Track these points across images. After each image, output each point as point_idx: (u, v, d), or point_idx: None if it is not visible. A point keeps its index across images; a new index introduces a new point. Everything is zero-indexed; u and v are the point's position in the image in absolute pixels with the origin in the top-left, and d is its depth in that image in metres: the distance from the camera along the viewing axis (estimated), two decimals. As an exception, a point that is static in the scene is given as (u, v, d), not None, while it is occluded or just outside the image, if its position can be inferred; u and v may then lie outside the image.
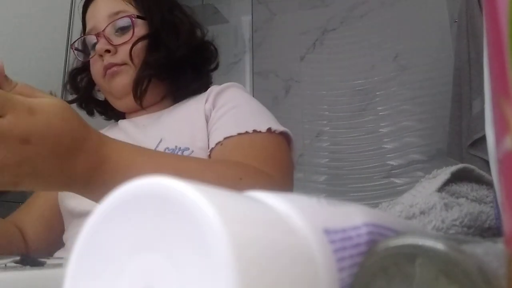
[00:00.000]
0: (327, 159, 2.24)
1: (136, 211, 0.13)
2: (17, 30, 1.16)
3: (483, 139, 1.53)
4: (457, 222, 0.28)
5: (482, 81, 0.25)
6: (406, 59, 2.18)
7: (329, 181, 2.21)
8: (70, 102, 0.83)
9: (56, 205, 0.77)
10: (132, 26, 0.74)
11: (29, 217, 0.76)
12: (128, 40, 0.73)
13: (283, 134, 0.67)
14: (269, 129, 0.65)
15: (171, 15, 0.79)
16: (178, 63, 0.76)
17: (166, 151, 0.66)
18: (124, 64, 0.73)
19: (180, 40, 0.76)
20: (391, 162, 2.12)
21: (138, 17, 0.75)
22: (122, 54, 0.73)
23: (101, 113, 0.86)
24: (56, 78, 1.29)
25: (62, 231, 0.75)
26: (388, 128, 2.17)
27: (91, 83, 0.82)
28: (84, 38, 0.80)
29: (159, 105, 0.78)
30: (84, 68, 0.83)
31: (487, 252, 0.15)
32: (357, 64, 2.26)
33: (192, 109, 0.72)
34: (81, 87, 0.83)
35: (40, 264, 0.34)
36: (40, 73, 1.23)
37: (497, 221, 0.30)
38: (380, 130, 2.18)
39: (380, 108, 2.20)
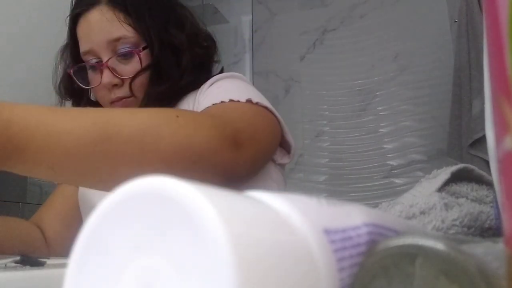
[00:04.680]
0: (327, 159, 2.24)
1: (136, 212, 0.13)
2: (15, 30, 1.16)
3: (483, 139, 1.53)
4: (457, 222, 0.28)
5: (482, 81, 0.25)
6: (406, 59, 2.18)
7: (329, 181, 2.21)
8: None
9: (76, 203, 0.76)
10: (139, 60, 0.68)
11: (48, 216, 0.76)
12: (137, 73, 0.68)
13: (267, 110, 0.61)
14: (249, 100, 0.58)
15: (167, 33, 0.71)
16: (182, 90, 0.72)
17: None
18: (132, 96, 0.69)
19: (182, 66, 0.71)
20: (391, 162, 2.13)
21: (142, 48, 0.69)
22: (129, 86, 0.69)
23: None
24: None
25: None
26: (388, 128, 2.17)
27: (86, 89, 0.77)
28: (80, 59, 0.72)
29: None
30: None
31: (487, 252, 0.15)
32: (357, 64, 2.26)
33: (189, 102, 0.71)
34: (77, 89, 0.76)
35: (40, 264, 0.34)
36: (39, 73, 1.22)
37: (497, 221, 0.30)
38: (380, 130, 2.18)
39: (380, 108, 2.20)
